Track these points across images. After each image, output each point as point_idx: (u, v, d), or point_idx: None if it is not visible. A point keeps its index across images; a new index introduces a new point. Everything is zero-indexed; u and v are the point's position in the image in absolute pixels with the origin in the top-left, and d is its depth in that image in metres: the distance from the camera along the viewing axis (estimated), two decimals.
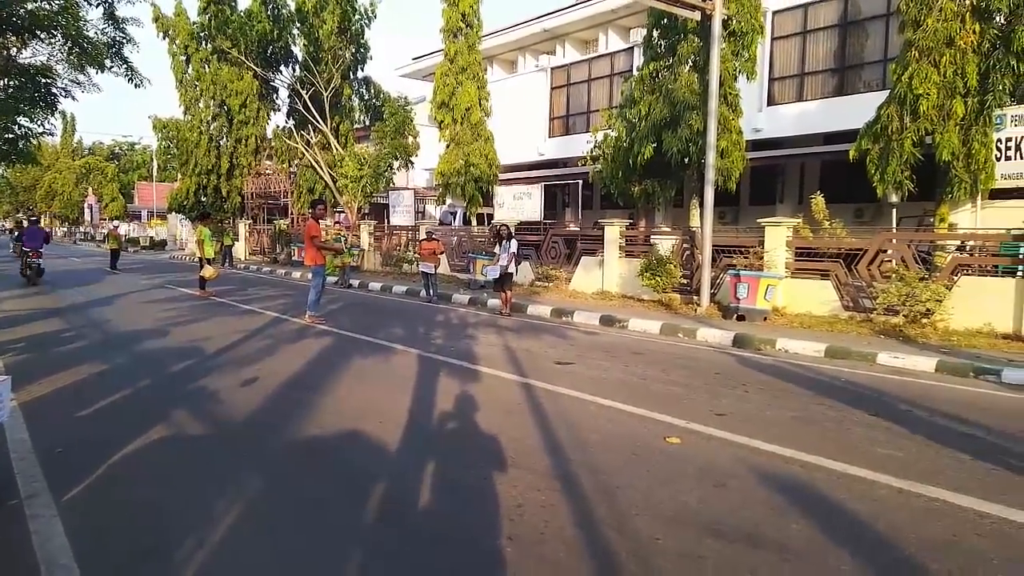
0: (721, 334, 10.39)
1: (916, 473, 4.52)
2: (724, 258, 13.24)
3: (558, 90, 25.64)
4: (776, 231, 12.47)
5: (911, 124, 11.21)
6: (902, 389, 7.21)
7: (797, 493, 4.18)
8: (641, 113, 14.36)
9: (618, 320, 11.94)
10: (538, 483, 4.26)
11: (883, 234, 11.99)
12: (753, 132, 18.36)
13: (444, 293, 15.90)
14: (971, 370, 7.92)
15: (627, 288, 15.14)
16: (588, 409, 6.13)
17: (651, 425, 5.62)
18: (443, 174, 21.37)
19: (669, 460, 4.78)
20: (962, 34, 10.84)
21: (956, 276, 10.54)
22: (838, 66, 18.13)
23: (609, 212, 21.04)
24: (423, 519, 3.77)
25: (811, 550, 3.43)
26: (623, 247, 15.80)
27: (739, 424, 5.65)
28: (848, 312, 11.43)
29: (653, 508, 3.91)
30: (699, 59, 13.48)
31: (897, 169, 11.41)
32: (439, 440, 5.22)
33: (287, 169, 30.49)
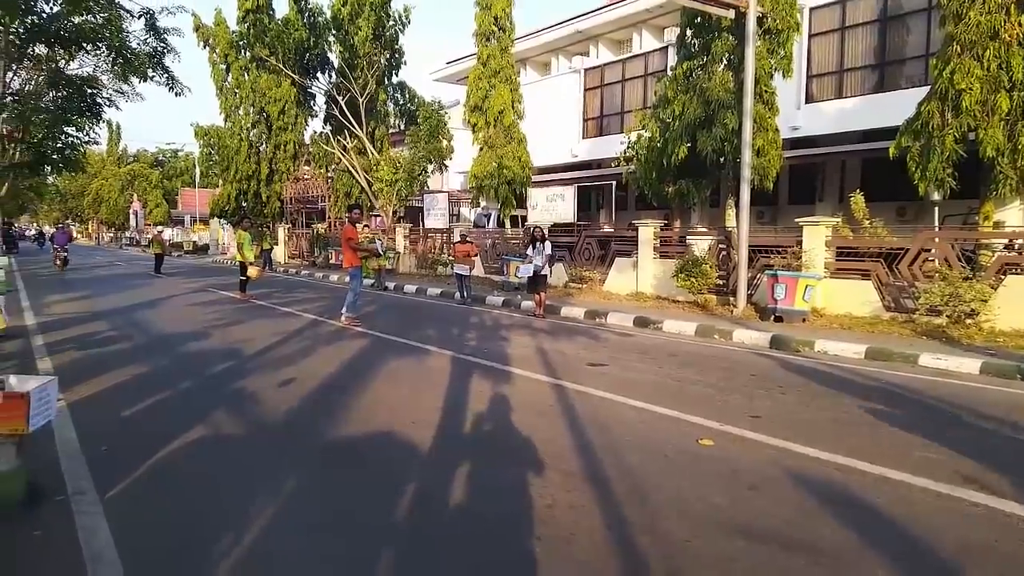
0: (758, 335, 10.25)
1: (957, 476, 4.42)
2: (761, 258, 13.05)
3: (591, 91, 25.56)
4: (815, 230, 12.26)
5: (953, 120, 10.92)
6: (945, 391, 7.04)
7: (831, 496, 4.12)
8: (675, 113, 14.26)
9: (652, 321, 11.87)
10: (569, 484, 4.27)
11: (925, 233, 11.70)
12: (791, 130, 18.06)
13: (478, 295, 15.98)
14: (1018, 372, 7.69)
15: (661, 289, 15.03)
16: (620, 411, 6.12)
17: (684, 427, 5.59)
18: (476, 177, 21.49)
19: (702, 462, 4.75)
20: (1007, 27, 10.54)
21: (1002, 275, 10.24)
22: (878, 62, 17.74)
23: (643, 213, 20.90)
24: (455, 518, 3.81)
25: (844, 554, 3.39)
26: (657, 248, 15.70)
27: (774, 426, 5.59)
28: (889, 313, 11.17)
29: (684, 510, 3.90)
30: (734, 57, 13.35)
31: (939, 166, 11.12)
32: (471, 441, 5.27)
33: (325, 174, 30.99)
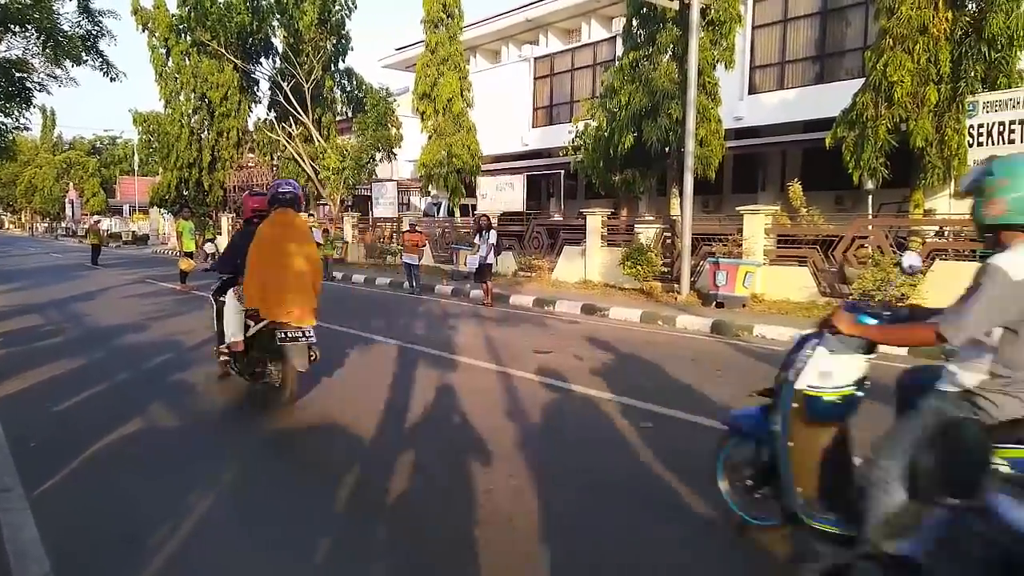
0: (700, 321, 10.49)
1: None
2: (705, 246, 13.34)
3: (541, 80, 25.59)
4: (754, 219, 12.58)
5: (886, 111, 11.33)
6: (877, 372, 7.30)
7: None
8: (621, 103, 14.41)
9: (599, 309, 12.02)
10: (509, 468, 4.31)
11: (859, 221, 12.13)
12: (735, 121, 18.43)
13: (427, 284, 15.92)
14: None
15: (609, 277, 15.22)
16: (564, 397, 6.19)
17: (626, 411, 5.68)
18: (425, 165, 21.35)
19: (643, 446, 4.84)
20: (935, 21, 10.96)
21: (930, 261, 10.69)
22: (818, 54, 18.22)
23: (593, 202, 21.09)
24: (394, 506, 3.81)
25: None
26: (605, 236, 15.88)
27: (713, 408, 5.73)
28: (825, 298, 11.56)
29: (624, 490, 3.98)
30: (678, 48, 13.54)
31: (872, 156, 11.53)
32: (414, 429, 5.26)
33: (269, 162, 30.35)
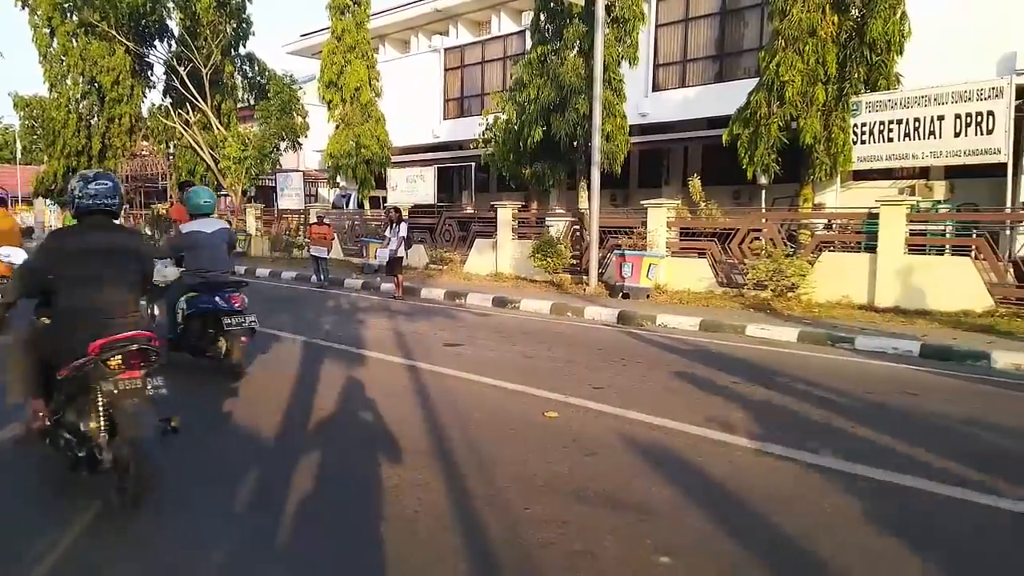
0: (607, 312, 10.76)
1: (769, 433, 4.89)
2: (612, 239, 13.68)
3: (452, 71, 25.47)
4: (657, 212, 13.01)
5: (778, 109, 11.96)
6: (766, 358, 7.74)
7: (661, 458, 4.44)
8: (530, 96, 14.55)
9: (510, 301, 12.13)
10: (416, 463, 4.31)
11: (754, 214, 12.76)
12: (640, 116, 18.94)
13: (336, 278, 15.59)
14: (828, 339, 8.61)
15: (520, 269, 15.37)
16: (472, 389, 6.23)
17: (532, 401, 5.78)
18: (333, 156, 20.87)
19: (545, 433, 4.95)
20: (823, 24, 11.64)
21: (818, 252, 11.38)
22: (718, 53, 18.95)
23: (505, 195, 21.21)
24: (297, 505, 3.74)
25: (668, 509, 3.67)
26: (516, 229, 16.02)
27: (614, 396, 5.91)
28: (723, 288, 12.11)
29: (526, 480, 4.05)
30: (584, 44, 13.78)
31: (765, 152, 12.15)
32: (318, 426, 5.16)
33: (165, 150, 28.79)
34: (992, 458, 4.45)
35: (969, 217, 11.67)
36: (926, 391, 6.33)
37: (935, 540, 3.37)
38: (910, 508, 3.72)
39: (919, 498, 3.83)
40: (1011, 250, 11.13)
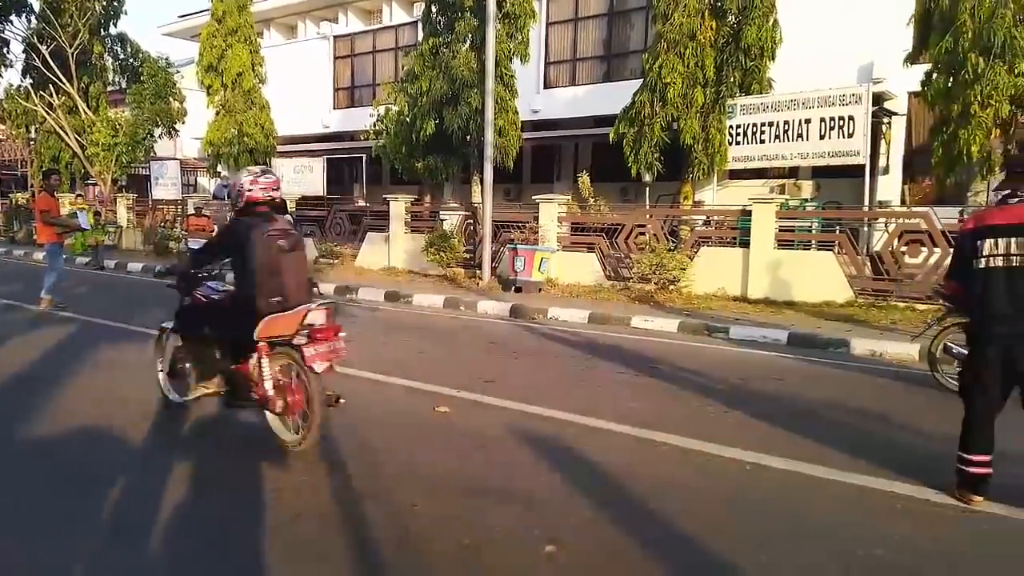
0: (500, 306, 10.87)
1: (652, 421, 5.10)
2: (505, 233, 13.81)
3: (342, 60, 24.81)
4: (549, 207, 13.25)
5: (660, 110, 12.46)
6: (650, 348, 8.07)
7: (549, 448, 4.53)
8: (422, 89, 14.42)
9: (403, 295, 12.00)
10: (298, 465, 4.18)
11: (639, 211, 13.26)
12: (532, 113, 19.20)
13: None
14: (706, 329, 9.08)
15: (414, 264, 15.23)
16: (362, 386, 6.10)
17: (423, 397, 5.75)
18: (213, 143, 19.87)
19: (436, 429, 4.94)
20: (702, 29, 12.23)
21: (697, 248, 11.97)
22: (606, 54, 19.50)
23: (398, 188, 20.86)
24: (170, 513, 3.54)
25: (555, 499, 3.75)
26: (409, 223, 15.86)
27: (506, 389, 5.98)
28: (611, 281, 12.51)
29: (415, 476, 4.03)
30: (476, 38, 13.80)
31: (649, 151, 12.65)
32: (191, 431, 4.91)
33: (25, 135, 26.38)
34: (849, 438, 4.84)
35: (832, 215, 12.63)
36: (792, 376, 6.81)
37: (805, 517, 3.63)
38: (781, 487, 3.99)
39: (788, 479, 4.11)
40: (868, 245, 12.13)
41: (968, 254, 3.76)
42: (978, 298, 3.72)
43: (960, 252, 3.92)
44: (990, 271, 3.64)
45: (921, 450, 4.63)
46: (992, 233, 3.65)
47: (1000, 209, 3.73)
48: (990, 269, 3.64)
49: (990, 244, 3.64)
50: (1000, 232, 3.62)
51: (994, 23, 9.33)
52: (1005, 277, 3.60)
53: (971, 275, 3.74)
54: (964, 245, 3.84)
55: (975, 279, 3.72)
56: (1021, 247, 3.56)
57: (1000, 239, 3.61)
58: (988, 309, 3.67)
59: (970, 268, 3.74)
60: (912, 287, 10.06)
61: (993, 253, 3.62)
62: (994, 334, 3.66)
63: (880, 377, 6.88)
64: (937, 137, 10.41)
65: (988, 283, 3.65)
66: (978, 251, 3.68)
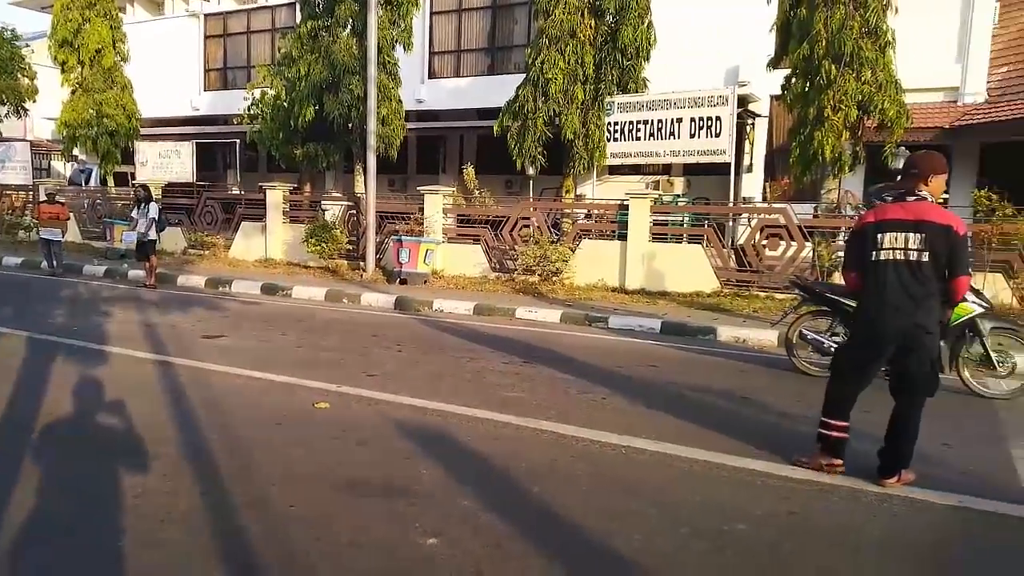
0: (384, 298, 10.70)
1: (533, 409, 5.20)
2: (389, 224, 13.60)
3: (214, 40, 23.46)
4: (434, 199, 13.17)
5: (543, 105, 12.69)
6: (533, 339, 8.22)
7: (432, 441, 4.51)
8: (301, 73, 13.91)
9: (281, 288, 11.56)
10: (165, 468, 3.94)
11: (523, 203, 13.44)
12: (416, 103, 18.97)
13: (74, 264, 13.70)
14: (586, 319, 9.35)
15: (293, 255, 14.71)
16: (235, 383, 5.84)
17: (301, 393, 5.57)
18: (68, 124, 18.22)
19: (315, 425, 4.80)
20: (582, 27, 12.54)
21: (579, 240, 12.30)
22: (490, 46, 19.56)
23: (276, 176, 20.07)
24: (21, 523, 3.23)
25: (437, 491, 3.74)
26: (287, 212, 15.28)
27: (389, 382, 5.90)
28: (496, 273, 12.63)
29: (291, 476, 3.90)
30: (357, 23, 13.46)
31: (532, 145, 12.85)
32: (46, 435, 4.51)
33: None
34: (715, 419, 5.14)
35: (701, 210, 13.33)
36: (665, 363, 7.15)
37: (676, 496, 3.81)
38: (654, 468, 4.18)
39: (660, 460, 4.31)
40: (733, 239, 12.91)
41: (868, 247, 3.95)
42: (874, 288, 3.93)
43: (858, 245, 4.08)
44: (888, 264, 3.86)
45: (780, 429, 4.99)
46: (891, 228, 3.86)
47: (900, 205, 3.93)
48: (888, 262, 3.86)
49: (889, 238, 3.85)
50: (898, 227, 3.85)
51: (844, 34, 10.15)
52: (898, 269, 3.82)
53: (868, 267, 3.94)
54: (863, 238, 4.01)
55: (872, 271, 3.92)
56: (917, 242, 3.77)
57: (899, 234, 3.83)
58: (884, 299, 3.88)
59: (868, 260, 3.94)
60: (772, 278, 10.80)
61: (892, 247, 3.84)
62: (888, 323, 3.88)
63: (743, 362, 7.35)
64: (795, 138, 11.21)
65: (886, 275, 3.86)
66: (877, 244, 3.89)
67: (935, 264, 3.76)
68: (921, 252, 3.76)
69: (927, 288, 3.79)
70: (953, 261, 3.77)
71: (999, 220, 9.34)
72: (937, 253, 3.74)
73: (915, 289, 3.80)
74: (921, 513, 3.63)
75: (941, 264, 3.76)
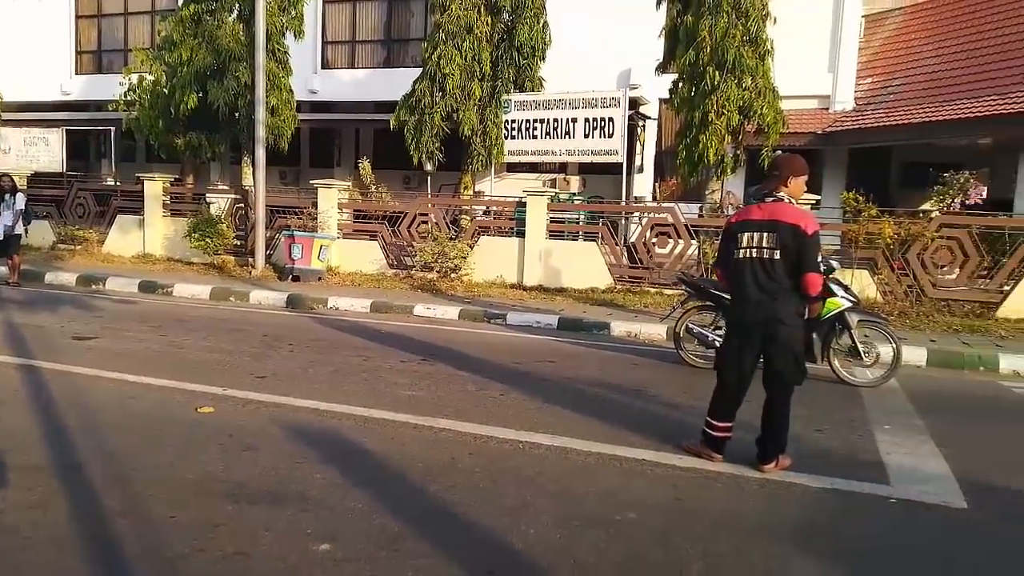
0: (275, 296, 10.32)
1: (431, 408, 5.16)
2: (281, 219, 13.12)
3: (86, 20, 21.80)
4: (328, 193, 12.81)
5: (440, 100, 12.60)
6: (432, 336, 8.16)
7: (325, 444, 4.39)
8: (182, 58, 13.11)
9: (161, 286, 10.92)
10: (30, 481, 3.63)
11: (421, 199, 13.32)
12: (309, 93, 18.40)
13: None
14: (485, 316, 9.39)
15: (174, 251, 13.92)
16: (109, 388, 5.46)
17: (183, 397, 5.27)
18: None
19: (199, 431, 4.55)
20: (479, 24, 12.53)
21: (477, 237, 12.32)
22: (386, 38, 19.24)
23: (156, 166, 18.86)
24: None
25: (330, 495, 3.63)
26: (168, 205, 14.45)
27: (279, 384, 5.69)
28: (394, 270, 12.45)
29: (173, 485, 3.68)
30: (244, 9, 12.86)
31: (430, 140, 12.74)
32: None
33: None
34: (609, 412, 5.28)
35: (596, 208, 13.66)
36: (562, 358, 7.28)
37: (569, 487, 3.87)
38: (549, 461, 4.24)
39: (555, 453, 4.38)
40: (626, 236, 13.32)
41: (731, 245, 4.17)
42: (736, 284, 4.17)
43: (725, 243, 4.29)
44: (746, 261, 4.08)
45: (668, 419, 5.19)
46: (750, 227, 4.09)
47: (758, 206, 4.17)
48: (745, 259, 4.08)
49: (748, 237, 4.08)
50: (755, 227, 4.07)
51: (727, 42, 10.66)
52: (756, 266, 4.04)
53: (732, 264, 4.16)
54: (729, 237, 4.23)
55: (734, 268, 4.15)
56: (770, 240, 4.00)
57: (755, 233, 4.06)
58: (743, 295, 4.12)
59: (731, 258, 4.16)
60: (661, 274, 11.22)
61: (749, 245, 4.06)
62: (747, 318, 4.13)
63: (635, 356, 7.60)
64: (682, 141, 11.67)
65: (744, 271, 4.09)
66: (739, 243, 4.11)
67: (786, 261, 3.99)
68: (773, 250, 3.99)
69: (781, 284, 4.02)
70: (801, 259, 3.99)
71: (865, 220, 10.10)
72: (787, 251, 3.97)
73: (769, 285, 4.03)
74: (797, 496, 3.88)
75: (792, 262, 3.99)
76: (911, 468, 4.30)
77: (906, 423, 5.29)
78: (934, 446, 4.72)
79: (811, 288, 4.05)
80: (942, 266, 9.98)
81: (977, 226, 9.94)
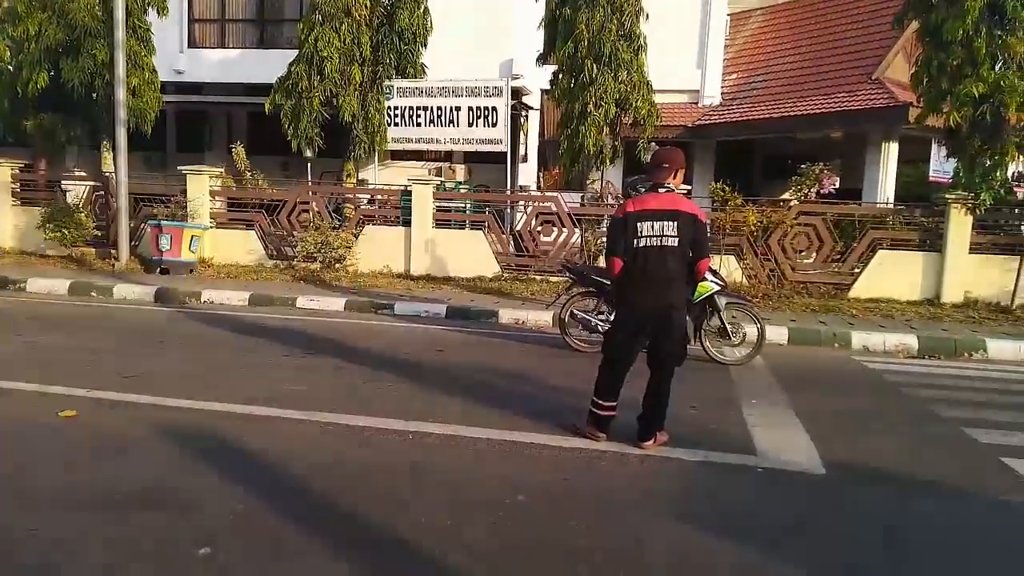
0: (142, 290, 9.69)
1: (316, 402, 5.04)
2: (147, 207, 12.29)
3: None
4: (199, 180, 12.13)
5: (319, 84, 12.22)
6: (317, 328, 7.95)
7: (202, 445, 4.18)
8: (30, 33, 12.00)
9: (13, 281, 10.00)
10: None
11: (302, 187, 12.89)
12: (175, 74, 17.33)
13: None
14: (372, 306, 9.24)
15: (26, 243, 12.75)
16: None
17: (41, 401, 4.86)
18: None
19: (60, 437, 4.23)
20: (357, 7, 12.23)
21: (362, 226, 12.08)
22: (259, 18, 18.39)
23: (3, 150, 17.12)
24: None
25: (209, 497, 3.47)
26: (18, 193, 13.21)
27: (150, 383, 5.37)
28: (273, 261, 11.99)
29: (31, 496, 3.41)
30: None
31: (308, 126, 12.34)
32: None
33: None
34: (497, 398, 5.37)
35: (482, 197, 13.74)
36: (450, 347, 7.31)
37: (460, 475, 3.92)
38: (440, 451, 4.26)
39: (446, 442, 4.40)
40: (511, 225, 13.49)
41: (629, 234, 4.27)
42: (636, 272, 4.28)
43: (620, 232, 4.35)
44: (648, 249, 4.23)
45: (554, 403, 5.34)
46: (650, 217, 4.24)
47: (653, 196, 4.34)
48: (649, 248, 4.23)
49: (648, 226, 4.23)
50: (656, 216, 4.23)
51: (603, 35, 11.00)
52: (657, 254, 4.21)
53: (630, 253, 4.27)
54: (625, 225, 4.31)
55: (633, 256, 4.26)
56: (671, 229, 4.19)
57: (657, 222, 4.22)
58: (645, 281, 4.27)
59: (629, 247, 4.27)
60: (547, 262, 11.47)
61: (651, 234, 4.22)
62: (647, 303, 4.30)
63: (523, 342, 7.75)
64: (563, 131, 11.96)
65: (646, 260, 4.23)
66: (638, 232, 4.24)
67: (683, 249, 4.26)
68: (674, 238, 4.23)
69: (678, 270, 4.29)
70: (697, 246, 4.30)
71: (731, 210, 10.77)
72: (685, 239, 4.24)
73: (668, 272, 4.26)
74: (675, 469, 4.12)
75: (687, 249, 4.27)
76: (776, 440, 4.66)
77: (770, 398, 5.73)
78: (796, 418, 5.14)
79: (701, 272, 4.43)
80: (800, 251, 10.84)
81: (831, 214, 10.85)
